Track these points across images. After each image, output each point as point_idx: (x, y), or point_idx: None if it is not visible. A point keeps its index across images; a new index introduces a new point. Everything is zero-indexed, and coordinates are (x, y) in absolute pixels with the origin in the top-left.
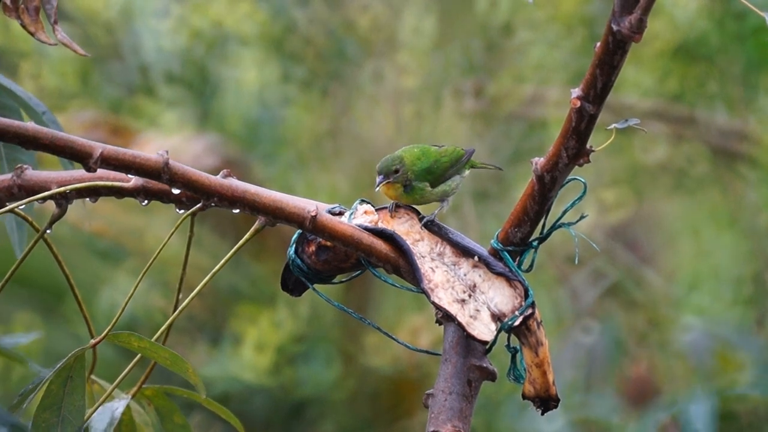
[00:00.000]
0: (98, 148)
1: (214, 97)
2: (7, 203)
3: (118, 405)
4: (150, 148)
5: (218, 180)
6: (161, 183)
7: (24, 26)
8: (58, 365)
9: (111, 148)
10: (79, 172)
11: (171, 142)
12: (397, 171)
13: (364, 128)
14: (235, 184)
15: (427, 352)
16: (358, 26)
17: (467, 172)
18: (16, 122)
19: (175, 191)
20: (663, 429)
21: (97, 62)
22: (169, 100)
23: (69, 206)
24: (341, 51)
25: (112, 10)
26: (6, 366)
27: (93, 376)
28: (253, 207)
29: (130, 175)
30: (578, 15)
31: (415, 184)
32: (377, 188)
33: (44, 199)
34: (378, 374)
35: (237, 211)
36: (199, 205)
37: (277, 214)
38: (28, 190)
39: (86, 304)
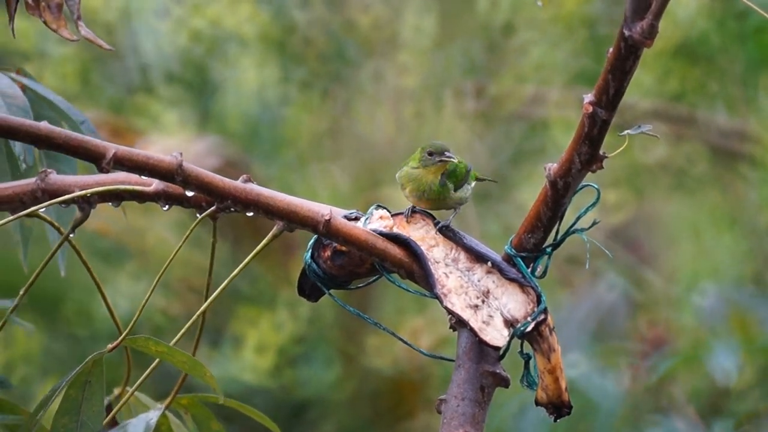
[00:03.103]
0: (111, 148)
1: (214, 97)
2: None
3: (153, 416)
4: (153, 150)
5: (232, 183)
6: (176, 185)
7: (46, 24)
8: (76, 369)
9: (124, 149)
10: (102, 176)
11: (173, 143)
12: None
13: (364, 128)
14: (249, 187)
15: (440, 357)
16: (359, 26)
17: (474, 183)
18: (28, 121)
19: (190, 193)
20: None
21: (97, 62)
22: (170, 100)
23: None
24: (341, 52)
25: (112, 10)
26: (7, 366)
27: (128, 387)
28: (267, 210)
29: (151, 179)
30: (579, 15)
31: (446, 181)
32: (453, 158)
33: (67, 203)
34: (379, 375)
35: (251, 214)
36: (212, 208)
37: (291, 218)
38: (51, 194)
39: (86, 306)
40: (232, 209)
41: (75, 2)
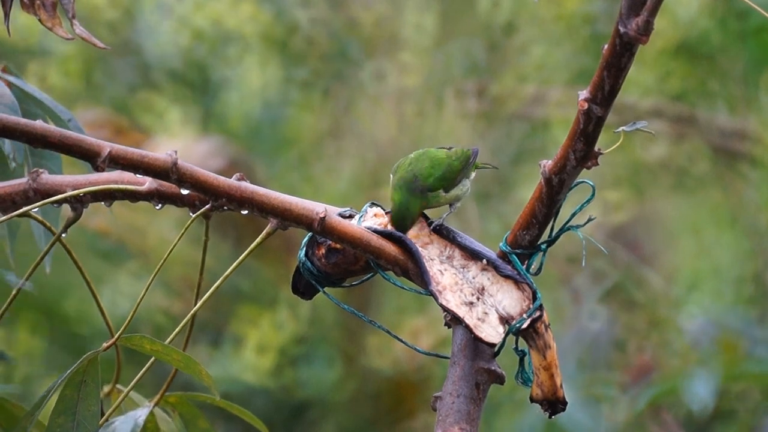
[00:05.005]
0: (106, 147)
1: (217, 97)
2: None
3: (141, 413)
4: (159, 151)
5: (227, 181)
6: (170, 184)
7: (41, 22)
8: (72, 369)
9: (119, 148)
10: (95, 175)
11: (177, 144)
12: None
13: (366, 127)
14: (244, 185)
15: (435, 355)
16: (361, 25)
17: (474, 174)
18: (23, 120)
19: (185, 192)
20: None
21: (100, 61)
22: (173, 97)
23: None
24: (343, 51)
25: (115, 9)
26: (9, 366)
27: (118, 386)
28: (261, 208)
29: (144, 178)
30: (580, 14)
31: (429, 195)
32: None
33: (59, 202)
34: (379, 376)
35: (246, 212)
36: (207, 206)
37: (285, 216)
38: (43, 193)
39: (87, 305)
40: (226, 207)
41: (69, 1)
